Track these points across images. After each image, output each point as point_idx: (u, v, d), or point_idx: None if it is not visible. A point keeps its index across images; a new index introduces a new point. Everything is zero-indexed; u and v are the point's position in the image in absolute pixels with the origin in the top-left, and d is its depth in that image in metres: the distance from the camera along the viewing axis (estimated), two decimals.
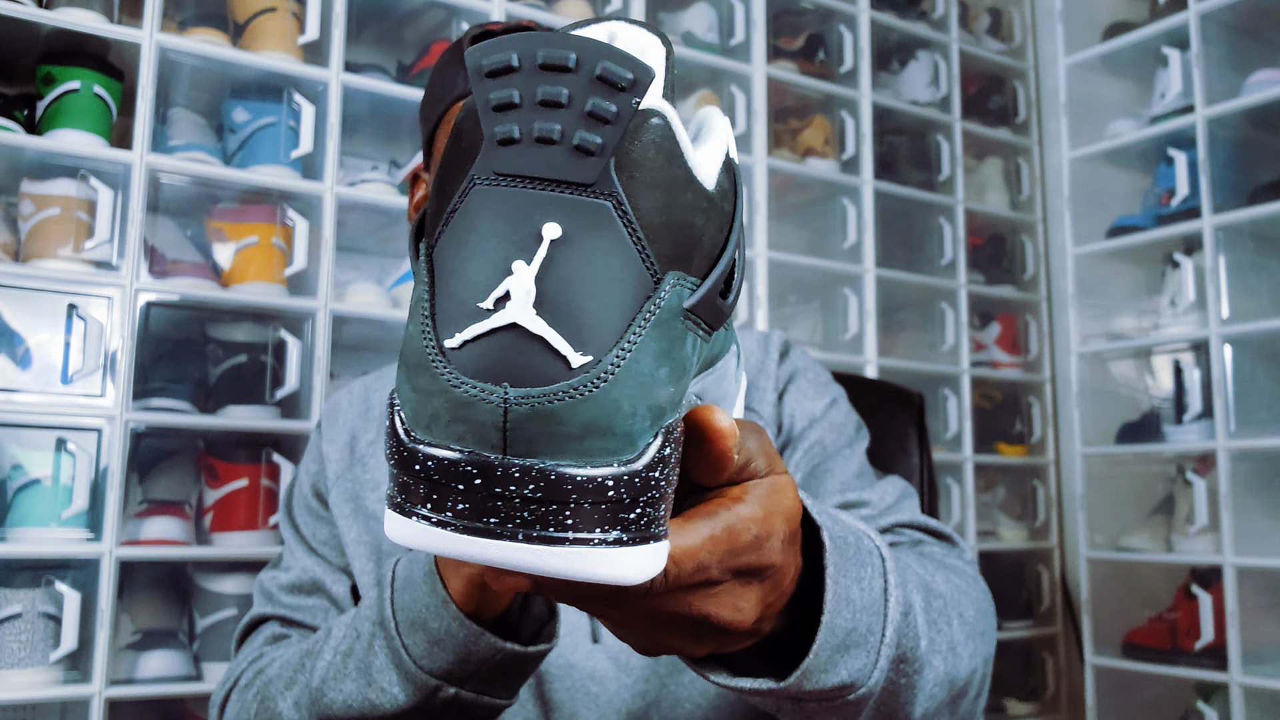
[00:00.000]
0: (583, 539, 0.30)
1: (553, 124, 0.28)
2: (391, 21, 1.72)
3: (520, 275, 0.29)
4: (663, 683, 0.77)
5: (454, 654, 0.56)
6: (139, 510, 1.40)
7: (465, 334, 0.30)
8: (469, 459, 0.29)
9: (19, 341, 1.33)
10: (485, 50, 0.29)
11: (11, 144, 1.33)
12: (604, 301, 0.30)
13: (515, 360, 0.29)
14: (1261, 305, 1.92)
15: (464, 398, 0.29)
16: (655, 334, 0.30)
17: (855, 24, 2.10)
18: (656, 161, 0.30)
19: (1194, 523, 1.90)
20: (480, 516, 0.30)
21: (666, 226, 0.31)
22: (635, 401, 0.30)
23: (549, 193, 0.29)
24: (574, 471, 0.29)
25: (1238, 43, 1.97)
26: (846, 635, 0.47)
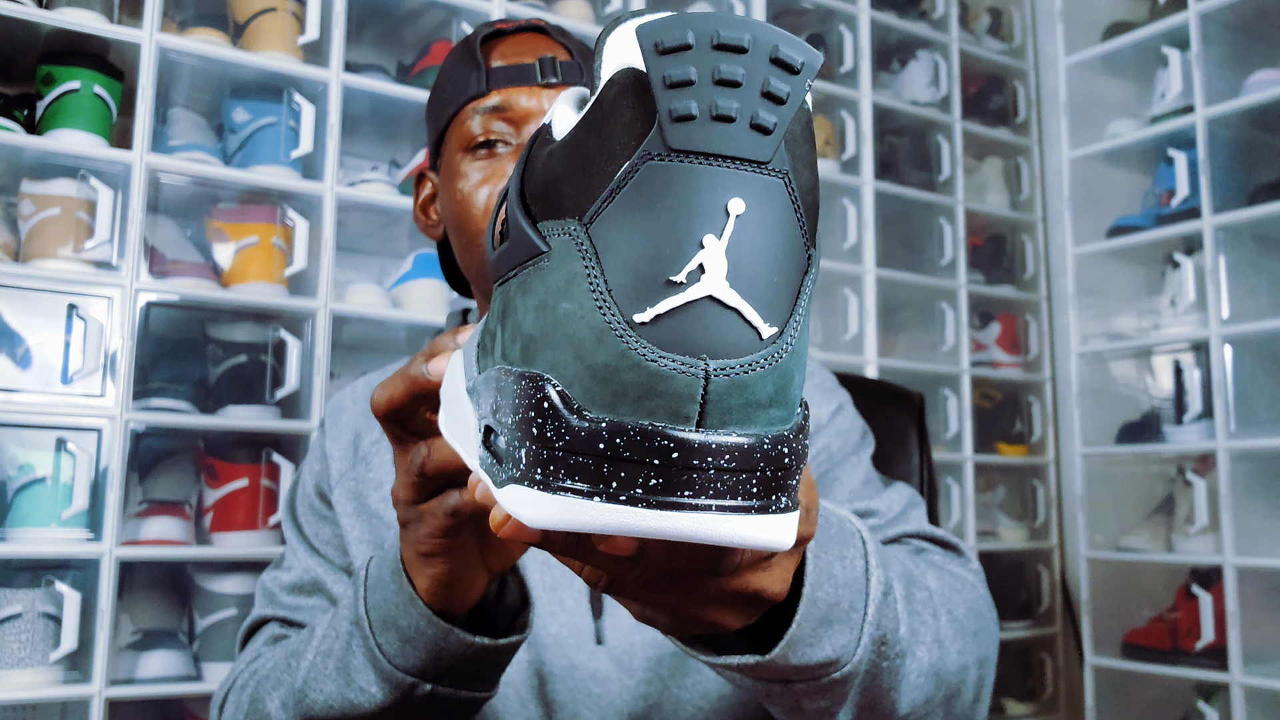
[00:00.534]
0: (764, 506, 0.31)
1: (731, 102, 0.29)
2: (391, 21, 1.72)
3: (712, 249, 0.30)
4: (664, 685, 0.77)
5: (425, 651, 0.55)
6: (139, 510, 1.40)
7: (658, 308, 0.30)
8: (663, 433, 0.30)
9: (19, 341, 1.33)
10: (659, 28, 0.29)
11: (11, 144, 1.33)
12: (780, 275, 0.31)
13: (714, 332, 0.30)
14: (1261, 305, 1.92)
15: (662, 371, 0.30)
16: (808, 307, 0.32)
17: (855, 24, 2.10)
18: (808, 141, 0.32)
19: (1194, 523, 1.90)
20: (673, 490, 0.30)
21: (814, 204, 0.32)
22: (801, 371, 0.32)
23: (728, 169, 0.30)
24: (760, 440, 0.30)
25: (1238, 43, 1.98)
26: (829, 609, 0.47)
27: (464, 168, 0.80)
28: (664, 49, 0.29)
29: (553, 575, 0.79)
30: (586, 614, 0.78)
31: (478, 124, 0.79)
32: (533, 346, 0.32)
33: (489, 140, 0.79)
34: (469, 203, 0.78)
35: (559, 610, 0.78)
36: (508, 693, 0.77)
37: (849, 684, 0.50)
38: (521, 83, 0.80)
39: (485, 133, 0.79)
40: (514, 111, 0.79)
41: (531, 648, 0.77)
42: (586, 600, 0.78)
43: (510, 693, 0.77)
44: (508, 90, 0.79)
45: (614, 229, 0.30)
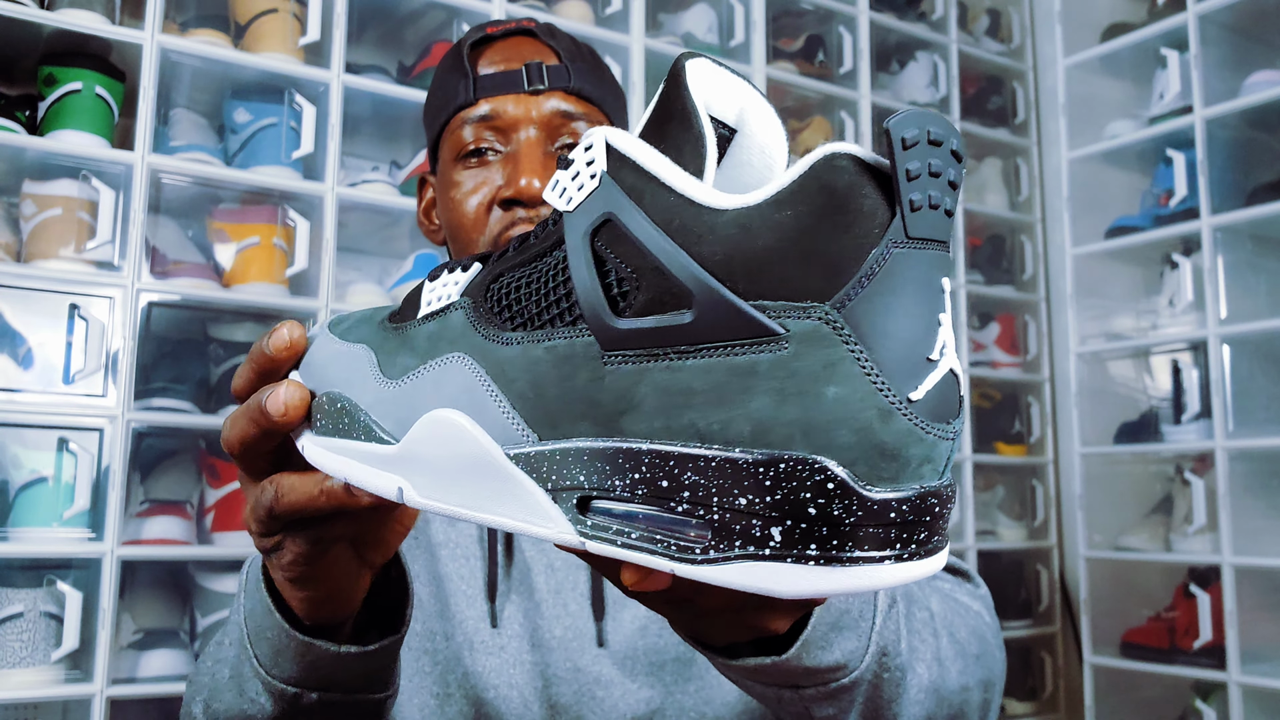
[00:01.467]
0: (944, 539, 0.36)
1: (934, 192, 0.33)
2: (392, 22, 1.73)
3: (945, 326, 0.34)
4: (667, 689, 0.77)
5: (296, 663, 0.53)
6: (140, 510, 1.40)
7: (926, 385, 0.33)
8: (933, 492, 0.34)
9: (21, 341, 1.34)
10: (904, 123, 0.33)
11: (13, 144, 1.33)
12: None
13: (952, 399, 0.35)
14: (1260, 305, 1.92)
15: (932, 440, 0.34)
16: None
17: (854, 25, 2.10)
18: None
19: (1192, 522, 1.90)
20: (932, 539, 0.35)
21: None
22: None
23: (938, 252, 0.34)
24: (953, 482, 0.36)
25: (1236, 44, 1.98)
26: (840, 615, 0.49)
27: (457, 176, 0.81)
28: (907, 144, 0.32)
29: (556, 579, 0.79)
30: (589, 617, 0.78)
31: (468, 133, 0.80)
32: (780, 430, 0.34)
33: (479, 149, 0.80)
34: (461, 211, 0.80)
35: (563, 613, 0.78)
36: (512, 695, 0.77)
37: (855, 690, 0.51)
38: (508, 90, 0.80)
39: (476, 141, 0.80)
40: (502, 120, 0.80)
41: (536, 650, 0.77)
42: (589, 603, 0.79)
43: (514, 695, 0.77)
44: (495, 98, 0.80)
45: (873, 313, 0.33)
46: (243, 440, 0.45)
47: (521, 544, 0.80)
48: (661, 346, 0.35)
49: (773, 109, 0.40)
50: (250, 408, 0.45)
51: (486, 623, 0.78)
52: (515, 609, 0.78)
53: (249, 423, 0.45)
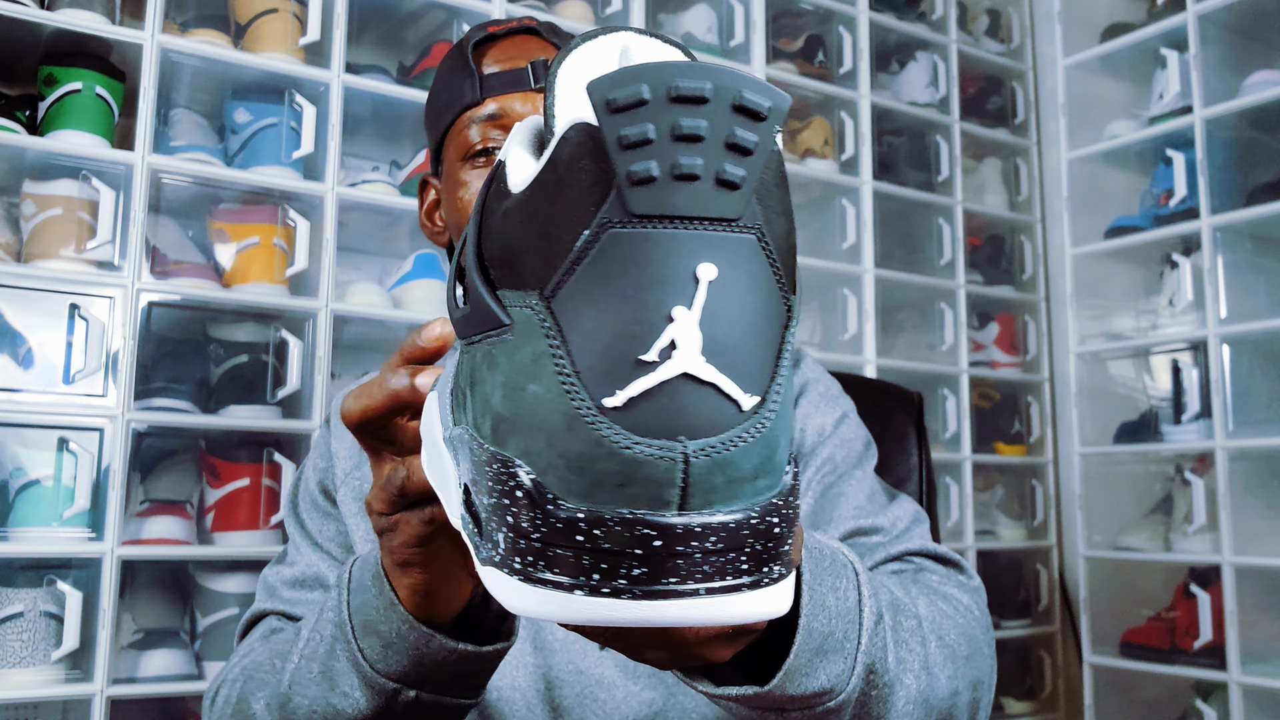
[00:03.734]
0: (756, 581, 0.29)
1: (694, 159, 0.27)
2: (392, 22, 1.73)
3: (683, 322, 0.28)
4: (669, 692, 0.77)
5: (407, 657, 0.55)
6: (140, 510, 1.40)
7: (630, 391, 0.28)
8: (644, 521, 0.28)
9: (21, 341, 1.34)
10: (610, 83, 0.27)
11: (13, 144, 1.33)
12: (759, 338, 0.29)
13: (689, 411, 0.28)
14: (1259, 305, 1.92)
15: (638, 458, 0.28)
16: (789, 361, 0.30)
17: (854, 25, 2.10)
18: (781, 188, 0.30)
19: (1192, 522, 1.90)
20: (659, 578, 0.28)
21: (789, 252, 0.30)
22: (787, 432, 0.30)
23: (696, 231, 0.28)
24: (748, 516, 0.29)
25: (1236, 44, 1.98)
26: (824, 640, 0.48)
27: (464, 176, 0.80)
28: (617, 106, 0.27)
29: None
30: None
31: (475, 133, 0.80)
32: (503, 427, 0.30)
33: (487, 149, 0.80)
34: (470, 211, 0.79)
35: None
36: (515, 696, 0.77)
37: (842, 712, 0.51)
38: (515, 88, 0.80)
39: (484, 141, 0.80)
40: (510, 118, 0.79)
41: (538, 652, 0.77)
42: None
43: (517, 696, 0.77)
44: (502, 97, 0.80)
45: (577, 304, 0.28)
46: (365, 412, 0.48)
47: None
48: (466, 333, 0.33)
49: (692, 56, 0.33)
50: (382, 381, 0.48)
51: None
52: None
53: (385, 396, 0.48)
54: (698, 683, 0.47)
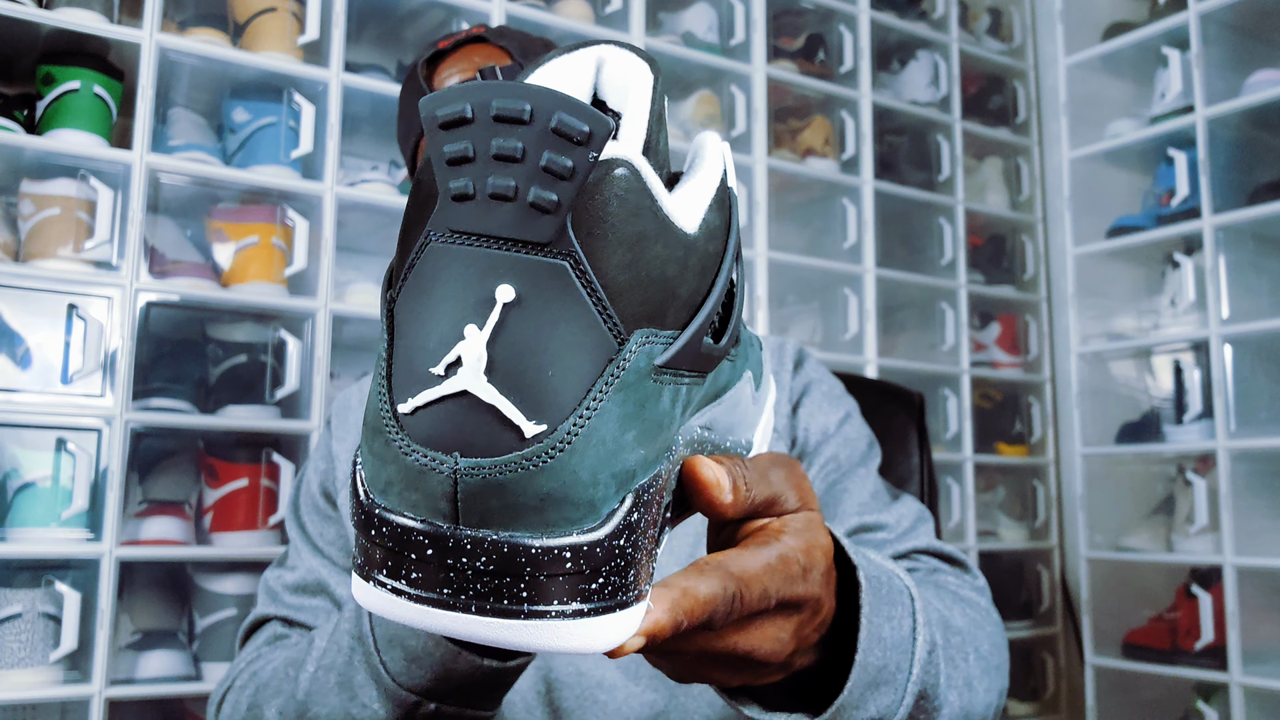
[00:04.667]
0: (539, 611, 0.29)
1: (508, 180, 0.27)
2: (391, 21, 1.73)
3: (472, 340, 0.28)
4: (671, 694, 0.77)
5: (432, 671, 0.55)
6: (139, 510, 1.40)
7: (417, 400, 0.28)
8: (422, 528, 0.28)
9: (19, 341, 1.33)
10: (439, 100, 0.27)
11: (11, 144, 1.33)
12: (560, 367, 0.28)
13: (466, 430, 0.28)
14: (1261, 305, 1.92)
15: (415, 466, 0.28)
16: (619, 398, 0.29)
17: (855, 24, 2.10)
18: (621, 216, 0.29)
19: (1194, 523, 1.90)
20: (434, 587, 0.29)
21: (634, 283, 0.29)
22: (597, 469, 0.29)
23: (503, 252, 0.28)
24: (529, 543, 0.28)
25: (1238, 43, 1.98)
26: (878, 673, 0.47)
27: None
28: (444, 123, 0.27)
29: None
30: None
31: None
32: (362, 425, 0.31)
33: None
34: None
35: None
36: (514, 699, 0.76)
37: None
38: None
39: None
40: None
41: (540, 655, 0.77)
42: None
43: (517, 699, 0.76)
44: None
45: (402, 311, 0.29)
46: None
47: None
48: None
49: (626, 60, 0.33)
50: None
51: None
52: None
53: None
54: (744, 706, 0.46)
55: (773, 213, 1.94)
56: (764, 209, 1.91)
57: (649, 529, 0.31)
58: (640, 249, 0.29)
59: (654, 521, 0.31)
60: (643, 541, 0.30)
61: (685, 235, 0.31)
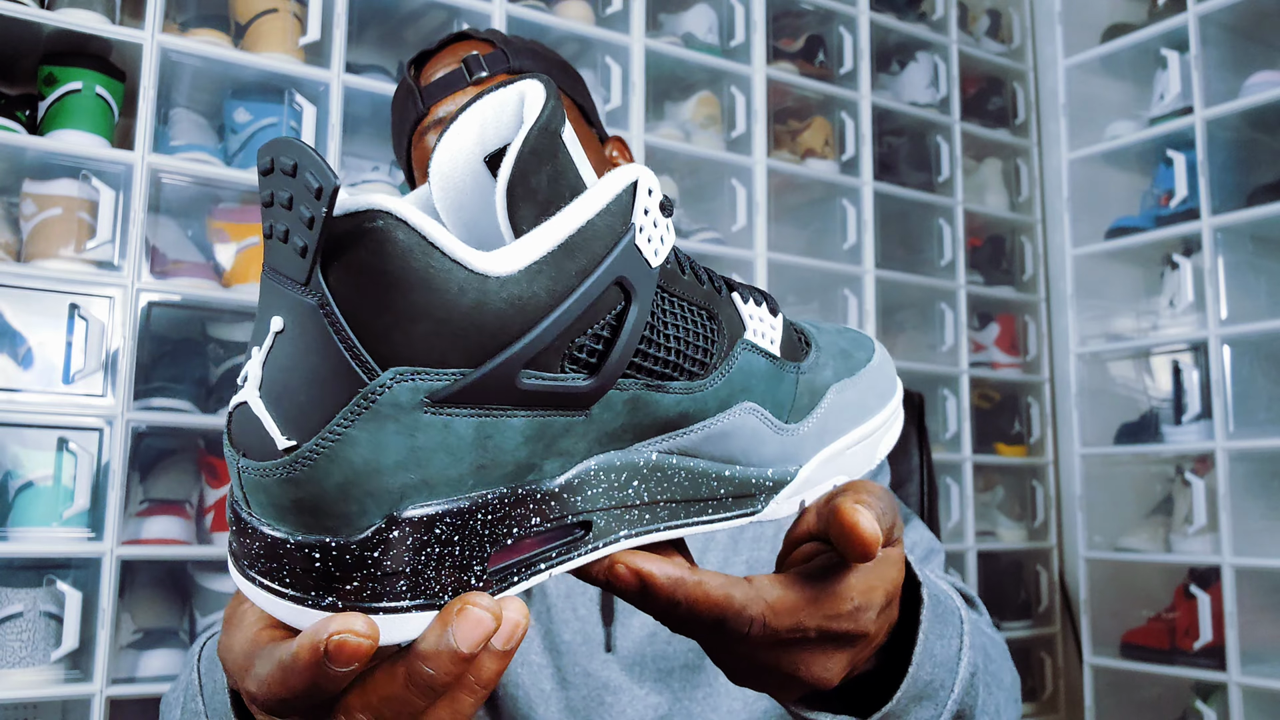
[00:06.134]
0: (297, 597, 0.33)
1: (283, 224, 0.31)
2: (393, 22, 1.73)
3: (255, 360, 0.33)
4: (675, 697, 0.77)
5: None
6: (140, 509, 1.40)
7: (230, 404, 0.34)
8: (229, 512, 0.35)
9: (20, 341, 1.34)
10: (262, 150, 0.32)
11: (13, 144, 1.33)
12: (310, 393, 0.32)
13: (247, 434, 0.33)
14: (1260, 306, 1.92)
15: (227, 457, 0.35)
16: (372, 426, 0.32)
17: (855, 25, 2.10)
18: (374, 262, 0.31)
19: (1192, 523, 1.90)
20: (238, 559, 0.35)
21: (394, 324, 0.32)
22: (347, 487, 0.32)
23: (281, 287, 0.32)
24: (283, 537, 0.33)
25: (1237, 44, 1.98)
26: (925, 686, 0.49)
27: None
28: (260, 170, 0.32)
29: (567, 582, 0.79)
30: (597, 621, 0.78)
31: (432, 140, 0.82)
32: None
33: None
34: None
35: (572, 617, 0.78)
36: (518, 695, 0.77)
37: None
38: (453, 89, 0.82)
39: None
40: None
41: (549, 653, 0.77)
42: (598, 608, 0.78)
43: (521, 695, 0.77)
44: (443, 101, 0.82)
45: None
46: None
47: None
48: None
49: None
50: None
51: None
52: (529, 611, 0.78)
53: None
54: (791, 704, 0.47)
55: (772, 214, 1.94)
56: (764, 210, 1.91)
57: (430, 548, 0.33)
58: (401, 293, 0.32)
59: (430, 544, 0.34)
60: (415, 558, 0.33)
61: (485, 278, 0.33)
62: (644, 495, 0.39)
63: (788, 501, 0.44)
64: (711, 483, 0.41)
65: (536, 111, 0.34)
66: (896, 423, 0.49)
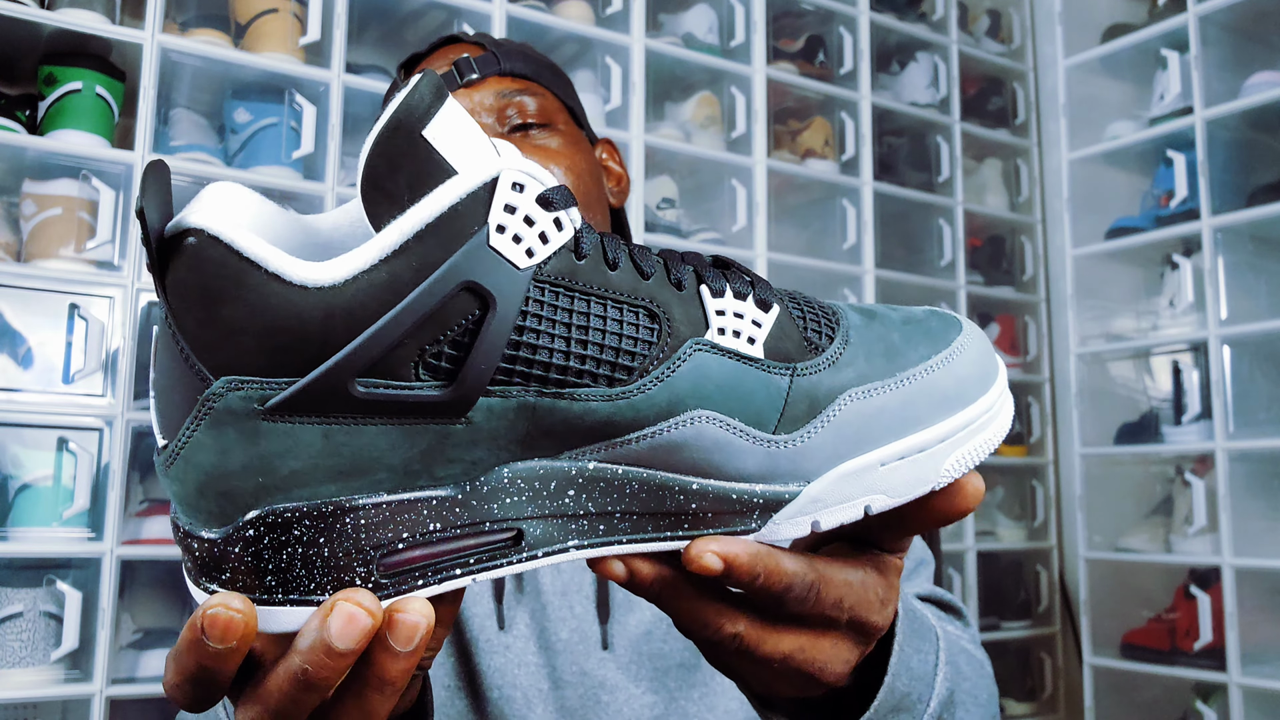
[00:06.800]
0: (194, 581, 0.36)
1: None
2: (393, 22, 1.73)
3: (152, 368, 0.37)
4: (671, 696, 0.77)
5: None
6: (140, 509, 1.40)
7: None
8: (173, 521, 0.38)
9: (21, 341, 1.34)
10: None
11: (13, 144, 1.33)
12: (171, 397, 0.35)
13: (155, 428, 0.36)
14: (1260, 306, 1.92)
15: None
16: (214, 432, 0.34)
17: (855, 25, 2.10)
18: (192, 278, 0.33)
19: (1192, 523, 1.90)
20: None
21: (221, 336, 0.33)
22: (203, 486, 0.34)
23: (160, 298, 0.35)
24: (180, 524, 0.36)
25: (1237, 45, 1.98)
26: (901, 699, 0.49)
27: None
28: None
29: (562, 580, 0.79)
30: (594, 619, 0.78)
31: None
32: None
33: None
34: None
35: (568, 615, 0.78)
36: (516, 695, 0.77)
37: None
38: None
39: None
40: None
41: (544, 652, 0.77)
42: (594, 605, 0.78)
43: (518, 695, 0.77)
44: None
45: None
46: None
47: None
48: None
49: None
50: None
51: (493, 622, 0.78)
52: (523, 610, 0.78)
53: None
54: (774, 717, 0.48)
55: (772, 214, 1.94)
56: (764, 210, 1.91)
57: (293, 547, 0.35)
58: (222, 305, 0.33)
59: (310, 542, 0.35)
60: (277, 556, 0.35)
61: (305, 289, 0.33)
62: (589, 505, 0.37)
63: (792, 523, 0.39)
64: (677, 496, 0.38)
65: (391, 111, 0.34)
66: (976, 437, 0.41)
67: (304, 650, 0.34)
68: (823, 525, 0.39)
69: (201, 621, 0.33)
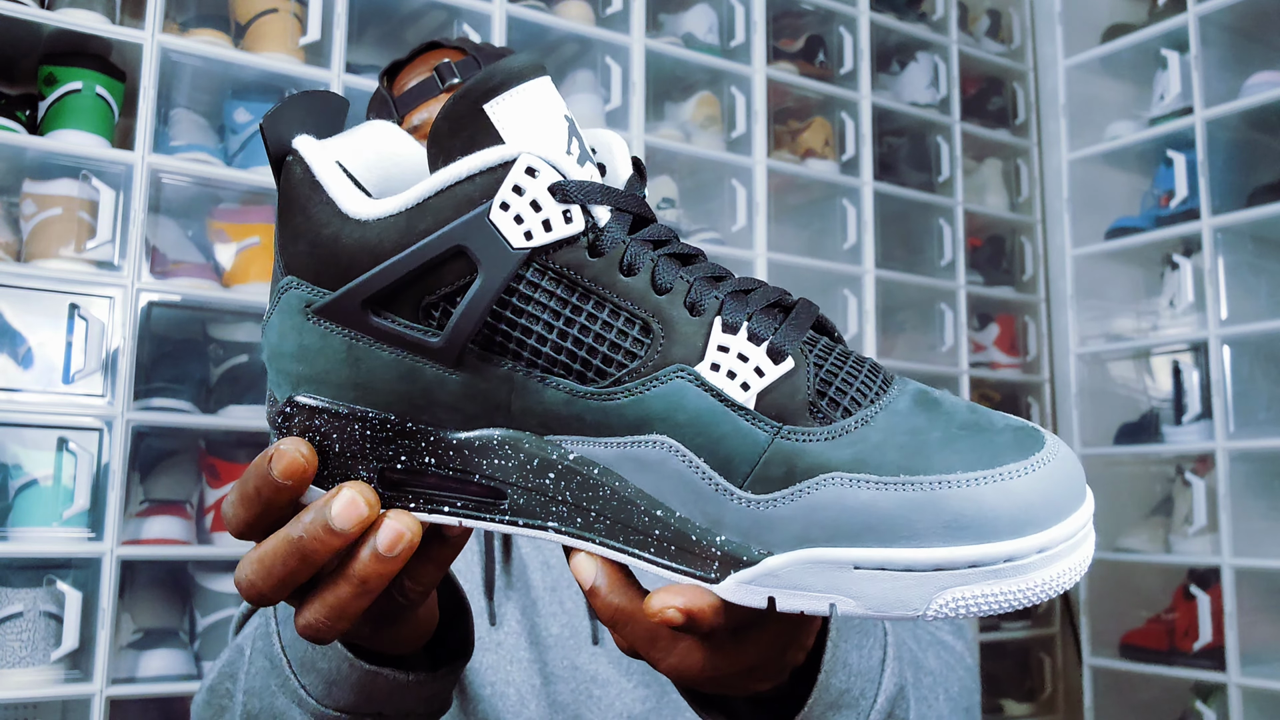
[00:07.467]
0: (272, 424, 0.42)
1: None
2: (393, 23, 1.73)
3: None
4: (663, 689, 0.77)
5: (354, 692, 0.50)
6: (140, 510, 1.40)
7: None
8: None
9: (20, 341, 1.34)
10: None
11: (13, 144, 1.33)
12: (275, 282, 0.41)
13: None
14: (1260, 306, 1.92)
15: None
16: (280, 319, 0.40)
17: (855, 25, 2.10)
18: (284, 188, 0.40)
19: (1192, 523, 1.90)
20: None
21: (288, 239, 0.40)
22: (269, 356, 0.41)
23: None
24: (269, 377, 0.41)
25: (1237, 45, 1.98)
26: (840, 695, 0.49)
27: None
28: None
29: (552, 575, 0.79)
30: (584, 614, 0.78)
31: None
32: None
33: None
34: None
35: (559, 611, 0.78)
36: (509, 691, 0.77)
37: None
38: (426, 97, 0.83)
39: None
40: (429, 125, 0.81)
41: (535, 647, 0.77)
42: (584, 600, 0.79)
43: (511, 691, 0.77)
44: (418, 109, 0.83)
45: None
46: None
47: (518, 541, 0.80)
48: None
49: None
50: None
51: (484, 619, 0.78)
52: (514, 606, 0.78)
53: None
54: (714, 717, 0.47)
55: (772, 214, 1.94)
56: (764, 210, 1.91)
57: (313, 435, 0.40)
58: (294, 215, 0.39)
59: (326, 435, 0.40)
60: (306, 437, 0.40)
61: (350, 217, 0.38)
62: (567, 495, 0.38)
63: (749, 589, 0.36)
64: (642, 516, 0.37)
65: (469, 81, 0.38)
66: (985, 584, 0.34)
67: (306, 523, 0.38)
68: (780, 606, 0.36)
69: (271, 455, 0.38)
